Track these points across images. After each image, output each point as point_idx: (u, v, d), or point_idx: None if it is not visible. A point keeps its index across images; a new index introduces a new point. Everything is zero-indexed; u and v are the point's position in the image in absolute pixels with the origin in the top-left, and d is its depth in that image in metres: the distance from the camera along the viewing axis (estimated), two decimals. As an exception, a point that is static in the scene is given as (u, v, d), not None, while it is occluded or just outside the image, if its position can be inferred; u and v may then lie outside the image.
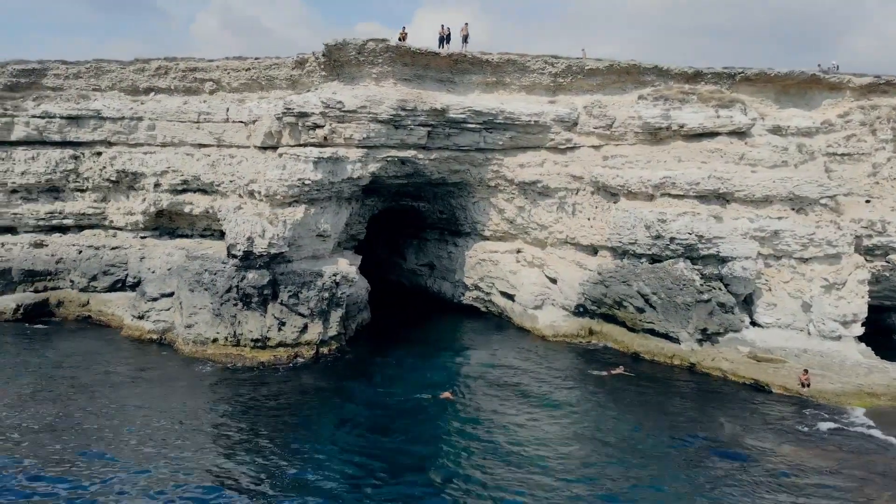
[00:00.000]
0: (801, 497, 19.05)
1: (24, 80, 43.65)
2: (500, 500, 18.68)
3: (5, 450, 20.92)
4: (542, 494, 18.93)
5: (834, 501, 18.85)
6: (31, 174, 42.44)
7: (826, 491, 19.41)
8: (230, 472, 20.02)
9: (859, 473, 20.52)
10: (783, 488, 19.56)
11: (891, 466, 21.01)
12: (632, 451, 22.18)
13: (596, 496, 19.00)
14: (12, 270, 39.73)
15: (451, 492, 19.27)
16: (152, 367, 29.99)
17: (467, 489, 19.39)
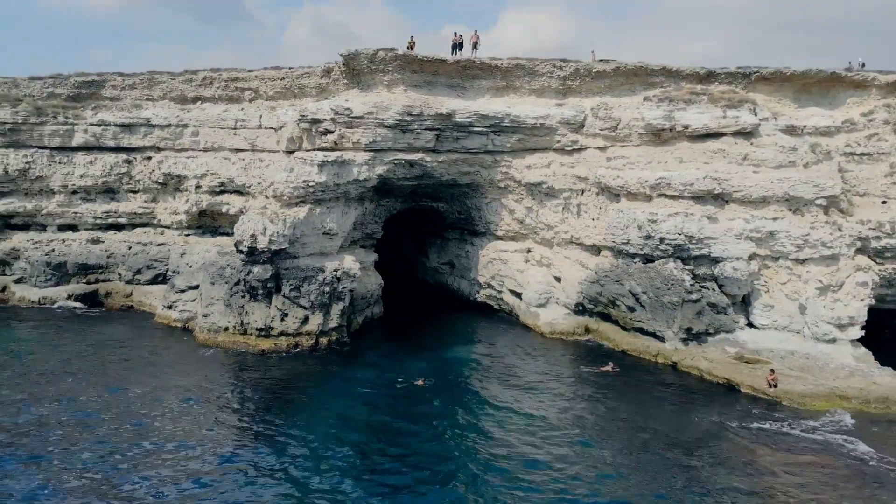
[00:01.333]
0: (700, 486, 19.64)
1: (84, 91, 48.17)
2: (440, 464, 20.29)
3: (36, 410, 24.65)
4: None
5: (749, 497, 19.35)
6: (90, 177, 46.85)
7: (740, 485, 19.90)
8: (225, 434, 23.26)
9: (781, 471, 20.84)
10: (700, 481, 20.20)
11: (829, 466, 21.16)
12: (594, 439, 23.32)
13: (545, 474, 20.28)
14: (67, 264, 44.14)
15: (408, 464, 21.16)
16: (169, 350, 33.26)
17: (415, 462, 21.13)
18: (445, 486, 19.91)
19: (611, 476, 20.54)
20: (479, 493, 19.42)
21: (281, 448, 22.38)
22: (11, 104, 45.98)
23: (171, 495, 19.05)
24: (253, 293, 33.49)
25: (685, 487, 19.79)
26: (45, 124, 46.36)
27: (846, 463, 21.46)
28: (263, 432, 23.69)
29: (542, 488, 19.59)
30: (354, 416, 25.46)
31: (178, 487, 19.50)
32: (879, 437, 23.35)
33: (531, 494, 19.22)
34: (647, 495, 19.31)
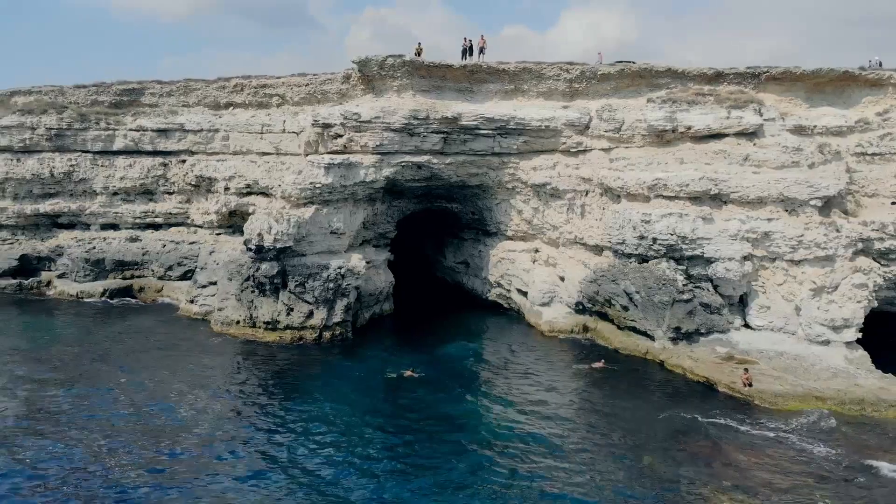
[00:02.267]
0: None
1: (125, 98, 51.36)
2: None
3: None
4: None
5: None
6: (129, 179, 49.98)
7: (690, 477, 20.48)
8: (223, 412, 25.94)
9: (725, 465, 21.34)
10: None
11: (778, 464, 21.48)
12: (561, 433, 24.20)
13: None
14: (105, 260, 47.28)
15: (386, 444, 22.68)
16: (184, 339, 35.75)
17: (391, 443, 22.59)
18: (414, 468, 21.32)
19: (565, 467, 21.39)
20: (445, 477, 20.60)
21: (272, 426, 24.65)
22: (57, 111, 49.52)
23: (177, 463, 21.36)
24: (261, 288, 35.49)
25: (633, 479, 20.47)
26: (89, 130, 49.72)
27: (795, 460, 21.70)
28: (256, 411, 25.94)
29: (504, 478, 20.61)
30: (342, 402, 27.13)
31: (177, 456, 22.03)
32: (840, 436, 23.43)
33: (494, 481, 20.28)
34: (596, 486, 20.08)
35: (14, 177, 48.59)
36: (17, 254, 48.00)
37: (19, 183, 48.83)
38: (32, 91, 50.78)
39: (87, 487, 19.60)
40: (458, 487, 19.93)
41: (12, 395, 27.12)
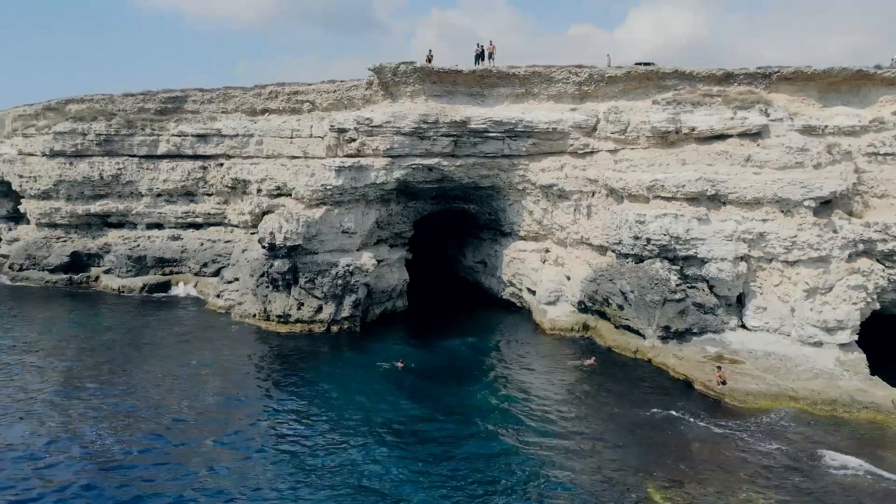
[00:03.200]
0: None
1: (170, 105, 54.73)
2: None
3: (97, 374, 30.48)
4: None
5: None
6: (171, 181, 53.35)
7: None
8: (227, 393, 28.54)
9: (676, 458, 21.98)
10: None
11: (717, 459, 22.06)
12: (530, 425, 25.33)
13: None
14: (147, 257, 50.70)
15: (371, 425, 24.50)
16: (205, 329, 38.46)
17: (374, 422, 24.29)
18: (399, 445, 23.15)
19: (526, 451, 22.55)
20: (408, 458, 22.16)
21: (272, 405, 27.23)
22: (107, 118, 53.33)
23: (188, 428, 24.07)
24: (275, 284, 37.74)
25: (581, 470, 21.43)
26: (135, 135, 53.37)
27: (735, 455, 22.14)
28: (259, 393, 28.64)
29: (464, 466, 22.00)
30: (335, 387, 29.15)
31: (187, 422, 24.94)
32: (793, 435, 23.64)
33: (457, 469, 21.72)
34: (543, 479, 21.18)
35: (67, 179, 52.56)
36: (69, 251, 51.97)
37: (72, 185, 52.80)
38: (85, 99, 54.73)
39: (102, 454, 22.18)
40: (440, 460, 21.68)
41: (52, 373, 30.44)
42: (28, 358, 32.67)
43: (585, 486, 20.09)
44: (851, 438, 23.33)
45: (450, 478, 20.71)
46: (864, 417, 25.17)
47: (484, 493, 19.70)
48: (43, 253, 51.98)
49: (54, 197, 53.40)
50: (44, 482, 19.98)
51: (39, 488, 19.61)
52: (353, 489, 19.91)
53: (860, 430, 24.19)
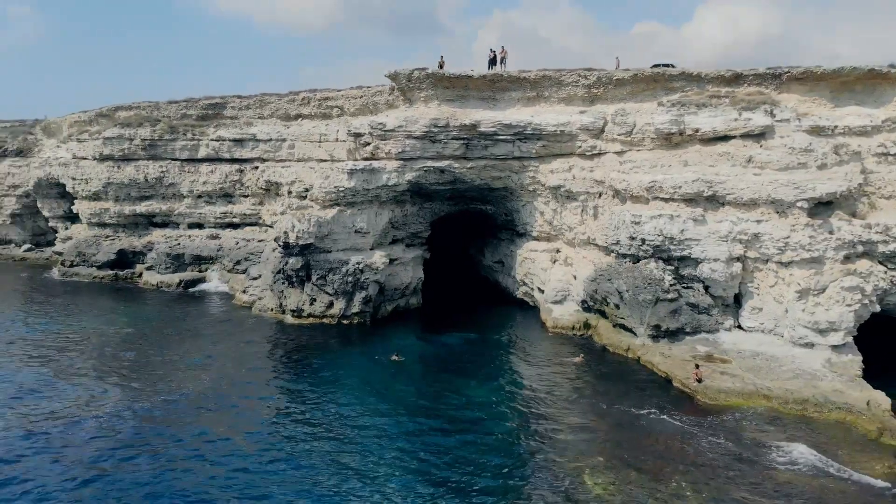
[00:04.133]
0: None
1: (210, 111, 57.94)
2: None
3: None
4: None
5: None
6: (210, 184, 56.45)
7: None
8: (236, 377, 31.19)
9: (633, 449, 22.78)
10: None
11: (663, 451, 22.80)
12: (504, 417, 26.56)
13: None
14: (185, 255, 53.88)
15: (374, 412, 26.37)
16: (227, 322, 41.09)
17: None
18: (387, 426, 24.92)
19: (479, 444, 23.81)
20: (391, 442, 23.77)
21: (277, 390, 29.53)
22: (151, 124, 56.84)
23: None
24: (289, 280, 39.89)
25: (528, 457, 22.53)
26: (177, 140, 56.70)
27: (681, 448, 22.88)
28: (262, 378, 31.17)
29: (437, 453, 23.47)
30: (331, 376, 31.19)
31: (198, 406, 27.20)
32: (756, 431, 24.04)
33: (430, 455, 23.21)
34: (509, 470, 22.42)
35: (115, 182, 56.28)
36: (116, 248, 55.65)
37: (119, 187, 56.49)
38: (133, 106, 58.50)
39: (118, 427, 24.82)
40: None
41: (87, 357, 33.74)
42: (70, 344, 36.04)
43: (525, 472, 21.17)
44: (810, 436, 23.54)
45: (420, 459, 22.25)
46: (833, 417, 25.27)
47: (433, 469, 21.08)
48: (92, 250, 55.83)
49: (103, 198, 57.21)
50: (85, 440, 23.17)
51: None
52: (333, 465, 21.72)
53: (824, 429, 24.36)
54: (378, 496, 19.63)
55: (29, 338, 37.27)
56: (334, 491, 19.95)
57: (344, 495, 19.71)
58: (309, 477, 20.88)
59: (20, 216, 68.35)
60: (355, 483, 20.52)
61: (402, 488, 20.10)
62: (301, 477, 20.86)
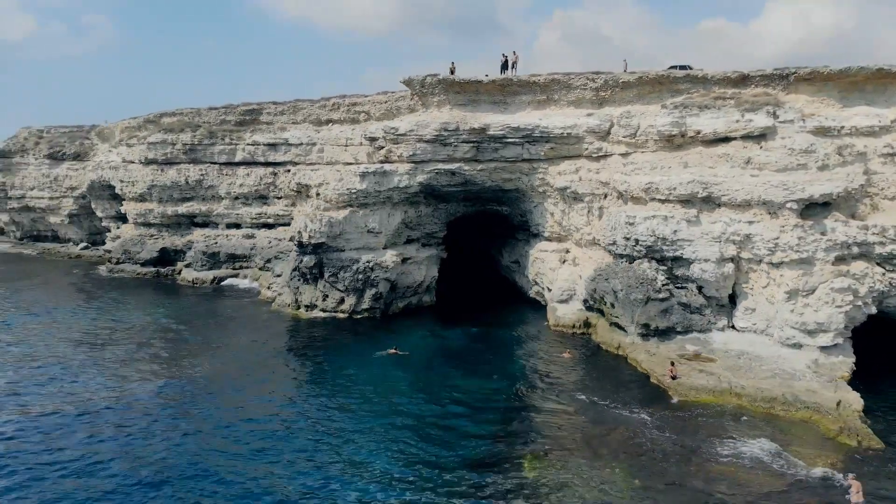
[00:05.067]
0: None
1: (247, 117, 60.93)
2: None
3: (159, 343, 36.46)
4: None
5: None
6: (246, 186, 59.44)
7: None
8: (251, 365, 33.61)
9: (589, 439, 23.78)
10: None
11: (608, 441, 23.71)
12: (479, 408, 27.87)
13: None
14: (220, 253, 56.96)
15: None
16: (248, 315, 43.67)
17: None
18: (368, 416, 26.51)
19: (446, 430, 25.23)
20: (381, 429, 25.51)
21: (286, 378, 31.90)
22: (192, 129, 60.21)
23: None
24: (304, 277, 42.10)
25: (481, 442, 23.77)
26: (216, 145, 59.91)
27: (629, 439, 23.77)
28: (270, 364, 33.83)
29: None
30: (329, 366, 33.19)
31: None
32: (713, 426, 24.59)
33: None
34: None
35: (158, 184, 59.89)
36: (158, 247, 59.25)
37: (162, 189, 60.07)
38: (176, 112, 62.01)
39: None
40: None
41: (124, 344, 37.06)
42: (106, 332, 39.58)
43: (472, 456, 22.47)
44: (766, 433, 23.93)
45: (391, 438, 24.00)
46: (798, 416, 25.53)
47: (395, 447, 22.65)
48: (137, 248, 59.58)
49: (148, 199, 60.92)
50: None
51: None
52: (314, 442, 23.66)
53: (786, 426, 24.67)
54: (342, 464, 21.57)
55: (75, 326, 40.66)
56: (310, 460, 21.95)
57: (319, 466, 21.69)
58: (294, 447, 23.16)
59: (77, 216, 73.22)
60: (328, 450, 22.68)
61: (356, 455, 22.13)
62: (289, 447, 23.16)
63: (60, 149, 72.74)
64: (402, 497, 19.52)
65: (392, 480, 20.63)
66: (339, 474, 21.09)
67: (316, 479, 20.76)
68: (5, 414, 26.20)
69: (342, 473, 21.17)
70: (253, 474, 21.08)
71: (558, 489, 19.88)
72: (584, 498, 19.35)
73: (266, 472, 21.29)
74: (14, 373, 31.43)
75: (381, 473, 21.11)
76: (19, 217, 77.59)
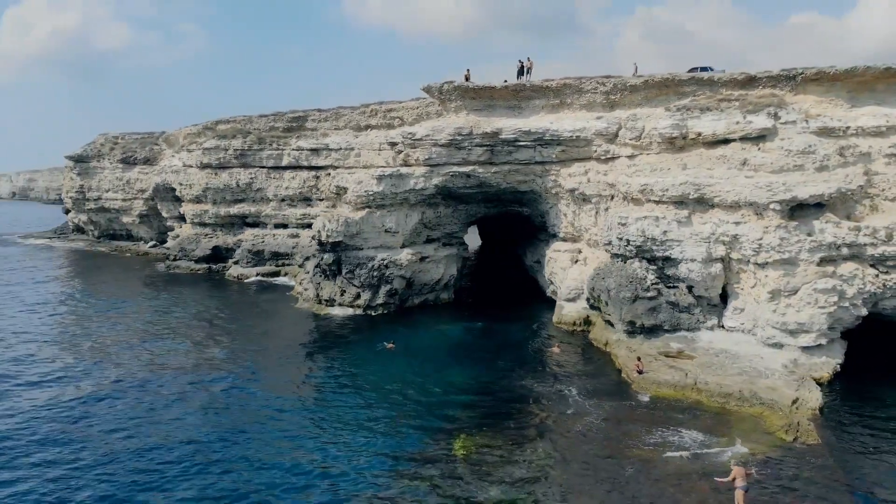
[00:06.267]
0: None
1: (294, 124, 64.74)
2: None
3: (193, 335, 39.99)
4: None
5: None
6: (292, 188, 63.23)
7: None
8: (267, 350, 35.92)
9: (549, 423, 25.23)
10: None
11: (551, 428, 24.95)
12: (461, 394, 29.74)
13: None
14: (264, 252, 60.90)
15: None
16: (275, 308, 46.93)
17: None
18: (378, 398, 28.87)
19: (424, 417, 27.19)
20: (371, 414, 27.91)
21: (297, 367, 34.29)
22: (243, 135, 64.50)
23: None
24: (324, 273, 45.03)
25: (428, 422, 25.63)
26: (264, 150, 64.00)
27: (574, 428, 24.95)
28: (283, 351, 36.35)
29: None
30: (338, 356, 35.65)
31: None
32: (658, 417, 25.53)
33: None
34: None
35: (212, 187, 64.50)
36: (212, 245, 63.85)
37: (216, 191, 64.64)
38: (230, 120, 66.55)
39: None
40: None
41: (171, 331, 40.99)
42: (162, 319, 43.85)
43: (412, 434, 24.38)
44: (707, 425, 24.70)
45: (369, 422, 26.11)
46: (750, 412, 26.08)
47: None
48: (192, 246, 64.39)
49: (203, 201, 65.66)
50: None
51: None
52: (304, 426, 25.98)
53: (732, 421, 25.28)
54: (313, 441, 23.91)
55: (127, 313, 45.42)
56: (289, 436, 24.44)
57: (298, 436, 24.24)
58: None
59: (147, 216, 79.34)
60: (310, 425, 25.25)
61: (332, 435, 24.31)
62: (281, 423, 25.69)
63: (132, 154, 79.06)
64: (314, 481, 21.24)
65: (317, 458, 22.70)
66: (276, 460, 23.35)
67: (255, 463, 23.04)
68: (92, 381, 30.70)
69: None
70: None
71: (476, 465, 21.53)
72: (492, 473, 20.93)
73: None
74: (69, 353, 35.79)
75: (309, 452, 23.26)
76: (96, 217, 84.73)
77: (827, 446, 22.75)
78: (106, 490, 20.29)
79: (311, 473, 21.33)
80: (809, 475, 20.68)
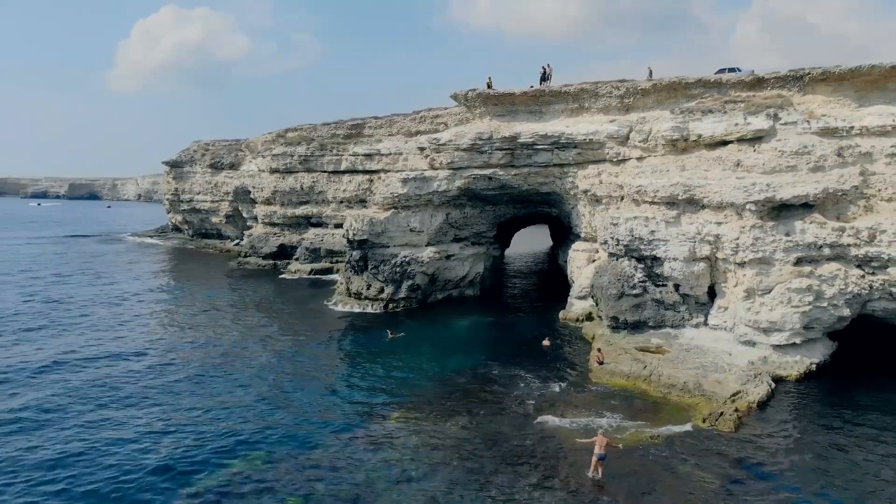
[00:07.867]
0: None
1: (353, 131, 69.21)
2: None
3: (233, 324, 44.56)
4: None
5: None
6: (349, 191, 67.71)
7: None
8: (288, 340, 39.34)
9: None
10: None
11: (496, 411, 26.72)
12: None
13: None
14: (321, 250, 65.60)
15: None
16: (313, 300, 50.88)
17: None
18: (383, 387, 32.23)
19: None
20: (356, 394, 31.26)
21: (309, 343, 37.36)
22: (307, 143, 69.65)
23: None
24: (354, 269, 48.74)
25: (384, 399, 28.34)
26: (325, 156, 68.84)
27: (508, 409, 26.71)
28: (305, 335, 39.18)
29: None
30: (346, 345, 39.02)
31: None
32: (592, 403, 27.01)
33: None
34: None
35: (280, 189, 70.08)
36: (277, 243, 69.39)
37: (283, 194, 70.16)
38: (297, 128, 71.95)
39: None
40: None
41: (221, 317, 45.35)
42: (214, 310, 48.77)
43: (360, 408, 27.08)
44: (634, 412, 25.96)
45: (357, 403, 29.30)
46: (686, 402, 27.10)
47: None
48: (261, 244, 70.20)
49: (273, 203, 71.40)
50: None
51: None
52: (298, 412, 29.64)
53: (662, 410, 26.37)
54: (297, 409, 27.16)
55: (194, 300, 50.92)
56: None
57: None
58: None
59: (232, 217, 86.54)
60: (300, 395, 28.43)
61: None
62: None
63: (220, 159, 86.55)
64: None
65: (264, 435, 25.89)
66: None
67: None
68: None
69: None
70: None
71: (398, 434, 24.09)
72: (412, 441, 23.42)
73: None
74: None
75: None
76: (190, 217, 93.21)
77: (737, 436, 23.69)
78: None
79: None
80: (698, 460, 21.81)
